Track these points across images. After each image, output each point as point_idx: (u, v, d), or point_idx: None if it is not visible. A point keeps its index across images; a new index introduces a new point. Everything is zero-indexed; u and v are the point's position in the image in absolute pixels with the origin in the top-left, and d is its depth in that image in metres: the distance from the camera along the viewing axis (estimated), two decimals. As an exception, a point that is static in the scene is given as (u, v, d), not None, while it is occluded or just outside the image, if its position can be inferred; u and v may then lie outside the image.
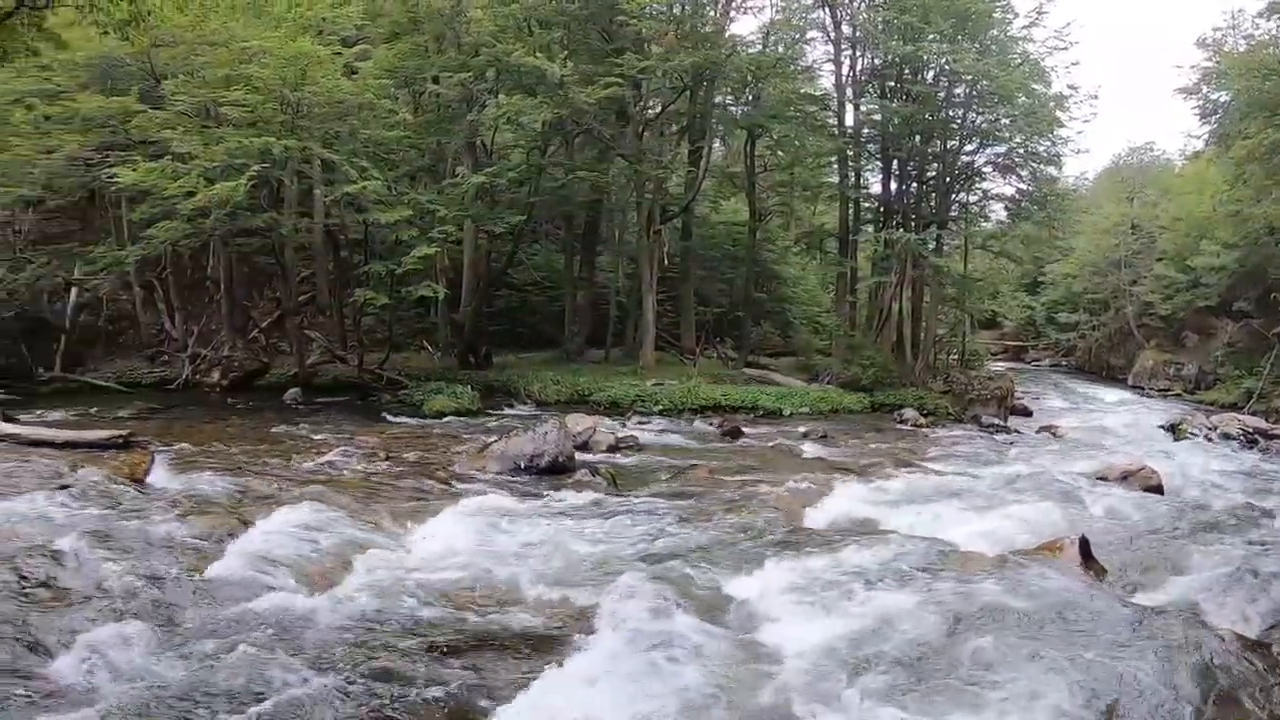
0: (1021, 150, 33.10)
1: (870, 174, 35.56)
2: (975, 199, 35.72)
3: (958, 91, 32.11)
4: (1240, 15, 40.49)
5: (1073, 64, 42.44)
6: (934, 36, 30.46)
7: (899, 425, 25.81)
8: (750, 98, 34.41)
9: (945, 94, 32.05)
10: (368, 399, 25.43)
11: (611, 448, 18.94)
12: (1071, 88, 32.57)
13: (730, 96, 35.67)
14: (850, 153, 33.34)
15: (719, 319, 37.79)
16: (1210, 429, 25.93)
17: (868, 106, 33.95)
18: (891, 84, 33.47)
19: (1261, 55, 33.14)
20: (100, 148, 25.54)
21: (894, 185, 34.02)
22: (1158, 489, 15.89)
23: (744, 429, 22.68)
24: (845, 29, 33.80)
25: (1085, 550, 10.03)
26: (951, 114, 32.40)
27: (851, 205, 34.79)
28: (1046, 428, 26.52)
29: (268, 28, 23.96)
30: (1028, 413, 30.88)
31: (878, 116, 33.52)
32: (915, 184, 33.95)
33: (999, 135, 32.59)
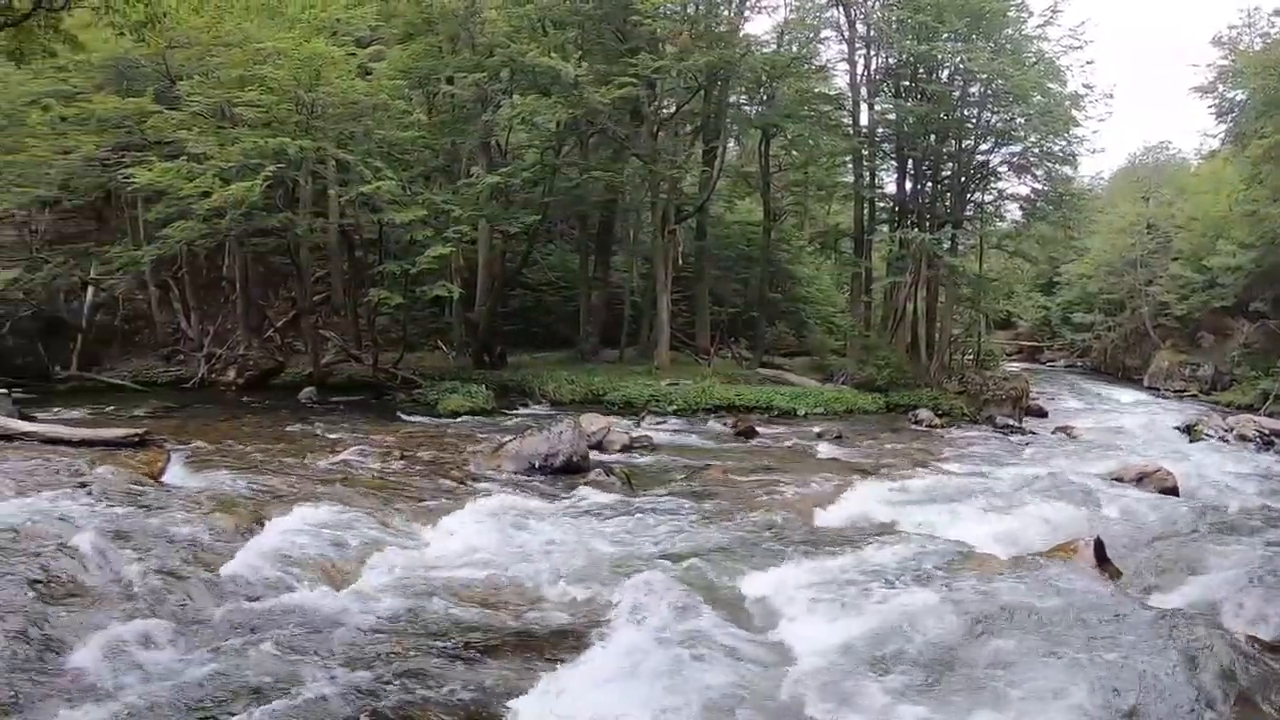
0: (1037, 150, 32.98)
1: (885, 173, 35.55)
2: (990, 198, 35.65)
3: (972, 91, 32.03)
4: (1256, 13, 40.51)
5: (1087, 63, 42.15)
6: (948, 35, 30.41)
7: (914, 426, 25.77)
8: (765, 97, 34.36)
9: (960, 93, 31.96)
10: (382, 398, 25.48)
11: (626, 447, 18.95)
12: (1086, 87, 32.48)
13: (745, 96, 35.61)
14: (865, 152, 33.29)
15: (734, 319, 37.75)
16: (1226, 430, 25.78)
17: (882, 106, 33.88)
18: (906, 83, 33.41)
19: (1278, 53, 33.03)
20: (116, 148, 25.64)
21: (909, 185, 33.96)
22: (1173, 490, 15.83)
23: (758, 429, 22.68)
24: (859, 28, 33.80)
25: (1100, 552, 9.99)
26: (966, 113, 32.31)
27: (866, 205, 34.73)
28: (1062, 428, 26.44)
29: (282, 29, 24.02)
30: (1043, 413, 30.70)
31: (892, 116, 33.44)
32: (930, 183, 33.88)
33: (1014, 134, 32.48)
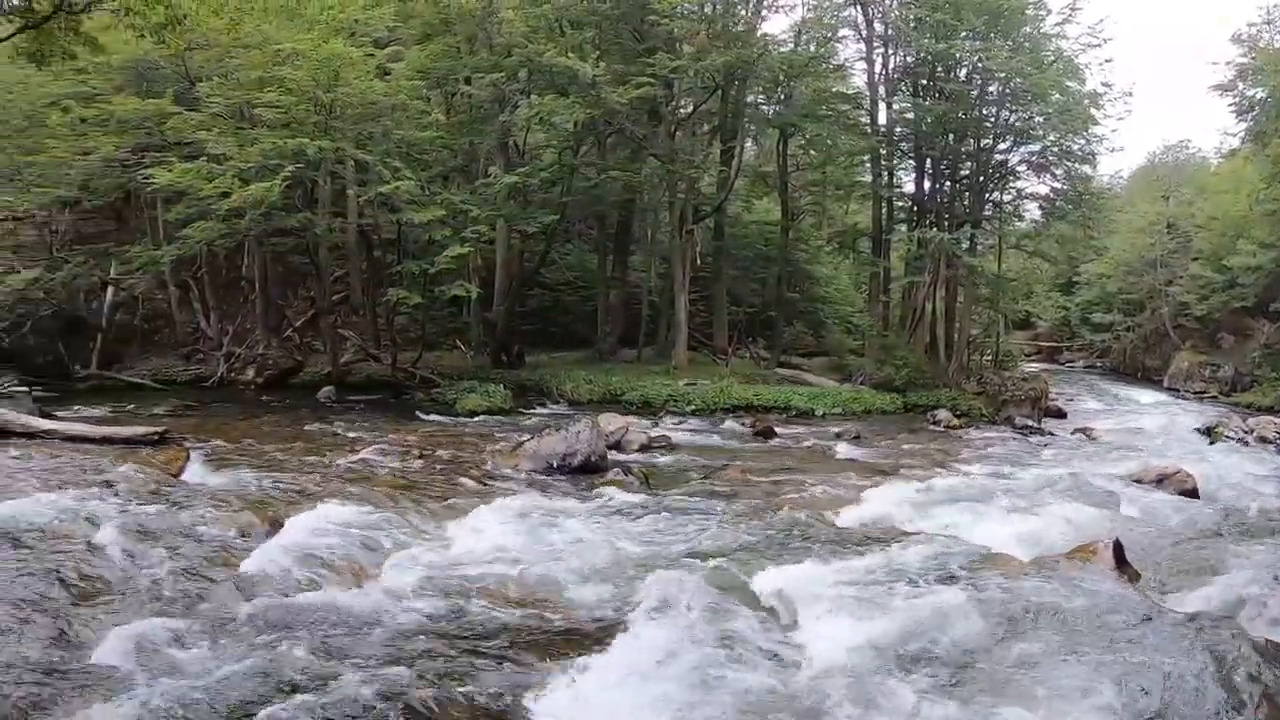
0: (1056, 149, 32.86)
1: (903, 173, 35.47)
2: (1009, 198, 35.54)
3: (991, 89, 31.94)
4: (1276, 10, 40.19)
5: (1106, 61, 42.03)
6: (966, 34, 30.31)
7: (932, 426, 25.67)
8: (782, 97, 34.33)
9: (978, 92, 31.89)
10: (401, 397, 25.56)
11: (644, 447, 18.94)
12: (1105, 85, 32.53)
13: (762, 95, 35.62)
14: (883, 151, 33.20)
15: (751, 319, 37.72)
16: (1246, 432, 25.57)
17: (900, 105, 33.82)
18: (924, 82, 33.33)
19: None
20: (136, 149, 25.81)
21: (927, 184, 33.87)
22: (1193, 492, 15.69)
23: (777, 429, 22.61)
24: (877, 27, 33.74)
25: (1119, 554, 9.90)
26: (985, 112, 32.22)
27: (884, 204, 34.65)
28: (1081, 429, 26.27)
29: (301, 30, 24.08)
30: (1062, 414, 30.55)
31: (910, 115, 33.38)
32: (949, 183, 33.78)
33: (1033, 133, 32.38)
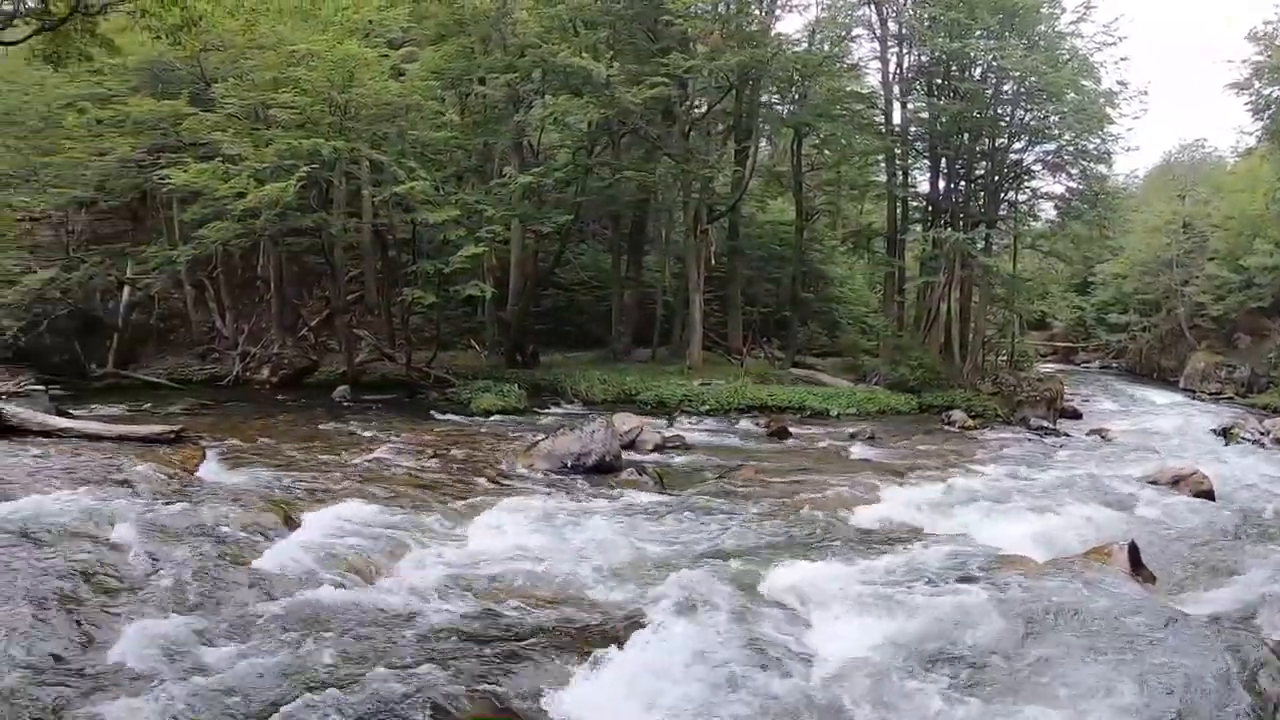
0: (1071, 148, 32.71)
1: (918, 172, 35.39)
2: (1024, 198, 35.39)
3: (1006, 88, 31.82)
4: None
5: (1121, 59, 41.57)
6: (981, 33, 30.22)
7: (947, 427, 25.59)
8: (796, 96, 34.23)
9: (993, 91, 31.76)
10: (415, 397, 25.59)
11: (658, 447, 18.94)
12: (1121, 84, 32.17)
13: (776, 95, 35.53)
14: (898, 151, 33.13)
15: (766, 319, 37.67)
16: (1263, 433, 25.38)
17: (915, 104, 33.74)
18: (939, 81, 33.25)
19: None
20: (152, 150, 25.93)
21: (942, 184, 33.78)
22: (1209, 494, 15.59)
23: (791, 429, 22.59)
24: (891, 26, 33.69)
25: (1135, 556, 9.89)
26: (1000, 111, 32.10)
27: (899, 204, 34.57)
28: (1096, 430, 26.12)
29: (315, 31, 24.14)
30: (1077, 415, 30.36)
31: (925, 114, 33.31)
32: (963, 182, 33.68)
33: (1048, 133, 32.25)
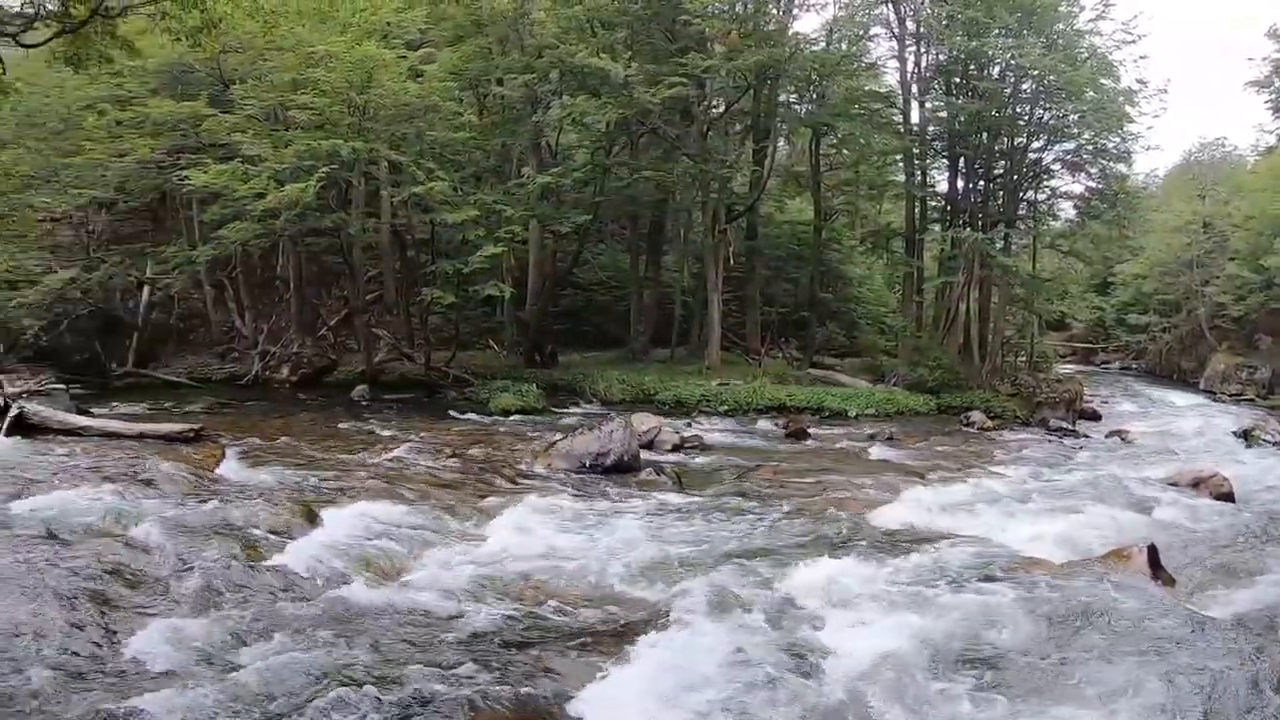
0: (1090, 147, 32.44)
1: (936, 172, 35.15)
2: (1044, 197, 35.09)
3: (1024, 87, 31.60)
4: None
5: (1141, 57, 41.25)
6: (999, 31, 30.02)
7: (965, 428, 25.45)
8: (814, 96, 34.18)
9: (1012, 90, 31.55)
10: (434, 396, 25.66)
11: (676, 447, 18.95)
12: (1140, 82, 31.88)
13: (794, 95, 35.47)
14: (916, 150, 32.93)
15: (784, 319, 37.56)
16: (1284, 435, 25.26)
17: (933, 103, 33.59)
18: (957, 80, 33.02)
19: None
20: (171, 151, 26.01)
21: (961, 183, 33.59)
22: (1229, 496, 15.46)
23: (809, 430, 22.53)
24: (909, 25, 33.48)
25: (1154, 559, 9.81)
26: (1018, 110, 31.90)
27: (918, 204, 34.37)
28: (1116, 432, 25.90)
29: (334, 33, 24.22)
30: (1096, 416, 30.16)
31: (943, 113, 33.14)
32: (982, 182, 33.48)
33: (1067, 132, 31.99)
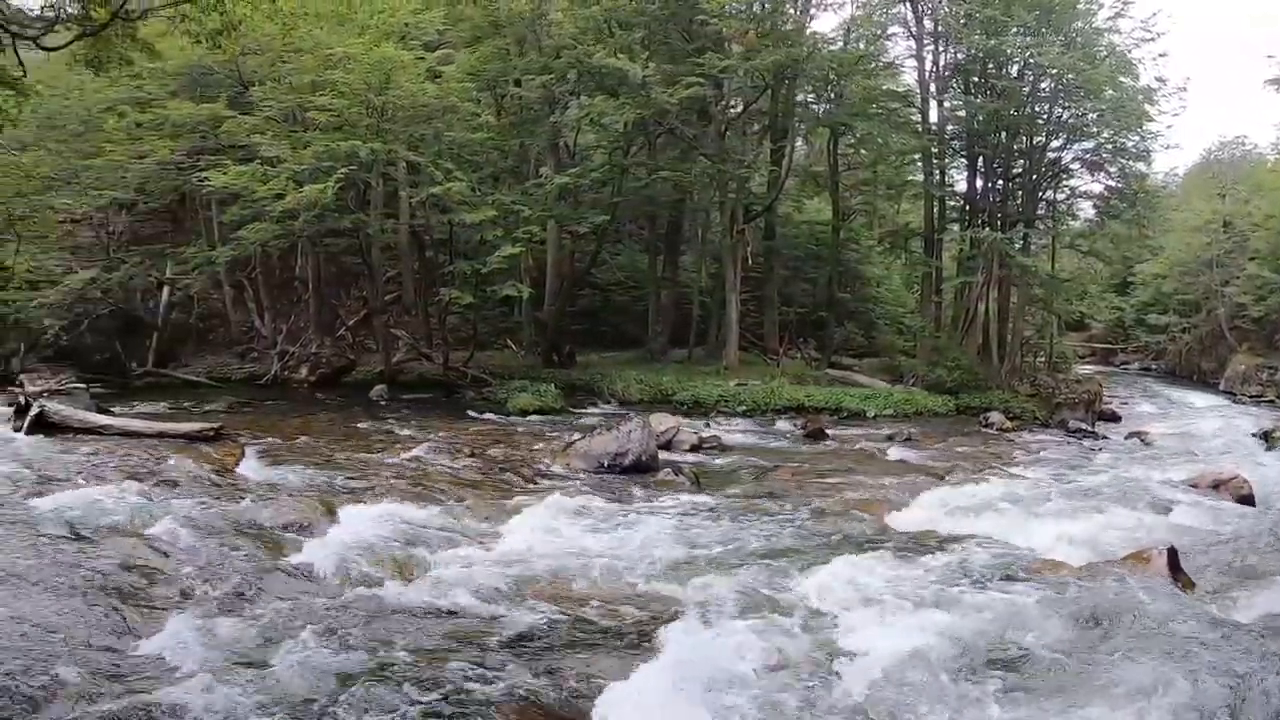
0: (1110, 146, 32.30)
1: (955, 171, 35.07)
2: (1063, 196, 34.94)
3: (1043, 86, 31.45)
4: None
5: (1160, 55, 41.07)
6: (1017, 29, 29.94)
7: (984, 429, 25.39)
8: (832, 95, 34.08)
9: (1030, 88, 31.43)
10: (452, 396, 25.73)
11: (694, 447, 18.94)
12: (1160, 80, 31.69)
13: (812, 94, 35.44)
14: (934, 150, 32.84)
15: (802, 319, 37.52)
16: (1305, 437, 25.04)
17: (951, 102, 33.49)
18: (975, 79, 32.89)
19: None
20: (191, 152, 26.13)
21: (979, 183, 33.47)
22: (1249, 499, 15.31)
23: (827, 430, 22.51)
24: (927, 24, 33.37)
25: (1173, 561, 9.74)
26: (1037, 109, 31.79)
27: (936, 204, 34.26)
28: (1135, 433, 25.77)
29: (352, 34, 24.33)
30: (1116, 418, 30.08)
31: (962, 113, 33.04)
32: (1001, 181, 33.35)
33: (1086, 130, 31.86)
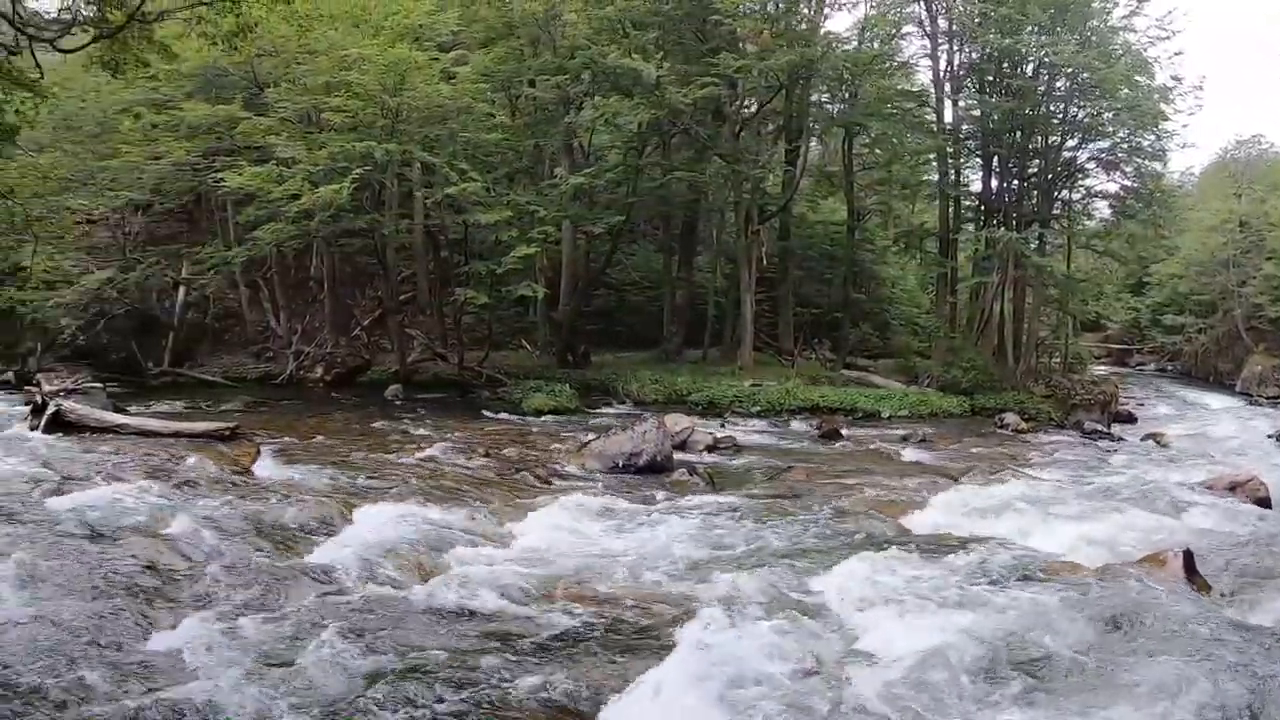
0: (1125, 145, 32.23)
1: (970, 171, 34.99)
2: (1078, 196, 34.90)
3: (1058, 85, 31.43)
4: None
5: (1176, 54, 40.97)
6: (1032, 28, 29.88)
7: (999, 430, 25.29)
8: (847, 95, 34.02)
9: (1045, 88, 31.40)
10: (467, 396, 25.78)
11: (709, 448, 18.94)
12: (1175, 79, 31.58)
13: (826, 94, 35.38)
14: (949, 150, 32.74)
15: (817, 320, 37.41)
16: (1322, 439, 24.89)
17: (966, 102, 33.44)
18: (990, 78, 32.83)
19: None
20: (206, 153, 26.25)
21: (994, 183, 33.38)
22: (1265, 501, 15.16)
23: (842, 431, 22.50)
24: (941, 23, 33.34)
25: (1189, 564, 9.69)
26: (1052, 108, 31.75)
27: (951, 203, 34.18)
28: (1151, 435, 25.59)
29: (367, 36, 24.42)
30: (1132, 419, 29.87)
31: (977, 112, 33.00)
32: (1016, 181, 33.28)
33: (1102, 130, 31.77)
